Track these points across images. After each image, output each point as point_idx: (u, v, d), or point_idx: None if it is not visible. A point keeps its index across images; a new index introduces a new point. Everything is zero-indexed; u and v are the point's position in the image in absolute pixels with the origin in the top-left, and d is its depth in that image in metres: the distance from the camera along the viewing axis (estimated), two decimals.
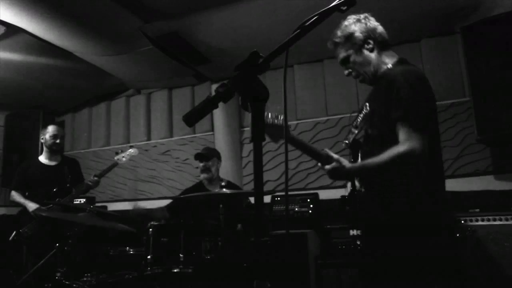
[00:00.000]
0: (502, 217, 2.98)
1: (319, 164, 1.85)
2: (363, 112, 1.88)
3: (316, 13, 1.02)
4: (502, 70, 3.28)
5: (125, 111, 5.62)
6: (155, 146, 5.37)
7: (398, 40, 4.20)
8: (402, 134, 1.61)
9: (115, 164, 4.02)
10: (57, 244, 2.79)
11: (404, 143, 1.58)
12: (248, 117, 4.74)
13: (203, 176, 3.71)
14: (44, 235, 3.59)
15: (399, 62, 1.85)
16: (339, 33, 1.92)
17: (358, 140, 1.86)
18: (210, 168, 3.69)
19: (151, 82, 5.33)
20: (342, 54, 1.93)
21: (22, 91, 5.21)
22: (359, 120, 1.90)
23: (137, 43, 4.15)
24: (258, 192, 0.96)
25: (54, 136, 4.03)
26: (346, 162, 1.72)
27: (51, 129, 4.08)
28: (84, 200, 4.69)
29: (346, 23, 1.92)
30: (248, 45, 3.92)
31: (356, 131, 1.88)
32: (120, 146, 5.31)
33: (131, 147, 4.24)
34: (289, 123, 4.58)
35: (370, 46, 1.87)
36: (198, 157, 3.73)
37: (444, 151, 3.98)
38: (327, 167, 1.74)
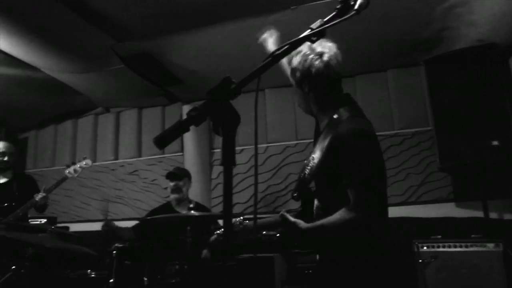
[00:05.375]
0: (462, 244, 3.09)
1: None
2: (310, 164, 1.65)
3: (287, 42, 1.05)
4: (462, 102, 3.46)
5: (92, 129, 5.50)
6: (122, 166, 5.26)
7: (366, 69, 4.37)
8: (352, 199, 1.51)
9: (65, 178, 3.77)
10: (13, 267, 2.65)
11: (355, 209, 1.49)
12: (218, 138, 4.74)
13: (173, 196, 3.65)
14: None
15: (349, 111, 1.65)
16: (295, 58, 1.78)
17: (308, 192, 1.75)
18: (181, 188, 3.64)
19: (120, 101, 5.26)
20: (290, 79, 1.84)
21: None
22: (306, 172, 1.67)
23: (108, 62, 4.11)
24: (227, 216, 0.96)
25: (1, 154, 3.76)
26: (303, 224, 1.62)
27: None
28: (45, 220, 4.49)
29: (299, 49, 1.69)
30: (221, 68, 3.96)
31: (304, 186, 1.71)
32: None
33: (84, 158, 3.99)
34: (259, 146, 4.62)
35: (309, 87, 1.79)
36: (170, 176, 3.68)
37: (408, 177, 4.10)
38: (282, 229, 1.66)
